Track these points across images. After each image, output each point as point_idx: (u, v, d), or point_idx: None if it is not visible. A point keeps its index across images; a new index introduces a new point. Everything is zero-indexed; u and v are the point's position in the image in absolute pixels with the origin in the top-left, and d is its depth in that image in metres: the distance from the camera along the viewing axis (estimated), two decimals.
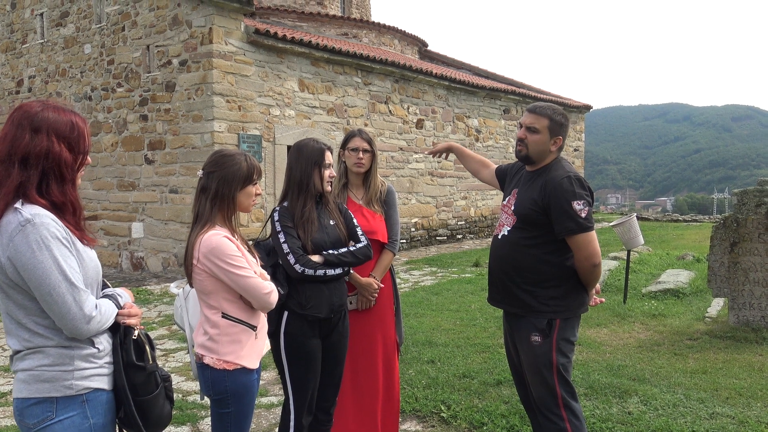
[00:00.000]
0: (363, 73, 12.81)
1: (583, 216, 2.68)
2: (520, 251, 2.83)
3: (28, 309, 1.75)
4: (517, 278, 2.84)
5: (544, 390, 2.79)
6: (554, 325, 2.77)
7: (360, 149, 3.25)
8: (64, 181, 1.80)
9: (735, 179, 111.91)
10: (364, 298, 3.22)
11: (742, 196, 5.88)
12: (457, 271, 10.48)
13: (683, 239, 14.91)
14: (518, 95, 17.20)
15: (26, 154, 1.75)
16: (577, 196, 2.70)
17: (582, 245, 2.70)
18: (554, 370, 2.75)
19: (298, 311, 2.79)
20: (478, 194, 16.20)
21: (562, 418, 2.75)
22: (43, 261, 1.69)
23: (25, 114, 1.79)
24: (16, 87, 13.63)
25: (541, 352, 2.77)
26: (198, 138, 10.26)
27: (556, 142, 2.86)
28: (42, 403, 1.76)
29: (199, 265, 2.35)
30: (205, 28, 10.06)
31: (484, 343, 5.68)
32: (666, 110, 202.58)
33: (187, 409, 4.23)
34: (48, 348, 1.76)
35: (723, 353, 5.21)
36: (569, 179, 2.74)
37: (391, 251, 3.34)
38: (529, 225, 2.81)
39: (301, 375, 2.84)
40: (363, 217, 3.25)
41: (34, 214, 1.71)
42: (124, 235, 11.59)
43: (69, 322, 1.73)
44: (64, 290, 1.71)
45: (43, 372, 1.76)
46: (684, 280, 8.02)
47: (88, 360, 1.81)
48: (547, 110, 2.85)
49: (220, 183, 2.41)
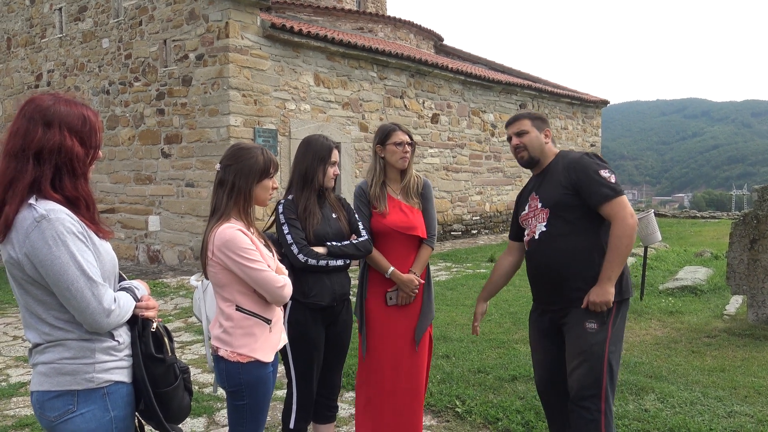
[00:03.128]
0: (378, 67, 12.79)
1: (613, 181, 2.76)
2: (569, 239, 2.80)
3: (47, 304, 1.75)
4: (573, 267, 2.78)
5: (590, 380, 2.70)
6: (611, 309, 2.73)
7: (404, 143, 3.19)
8: (76, 175, 1.79)
9: (754, 176, 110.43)
10: (404, 294, 3.20)
11: (762, 192, 5.81)
12: (471, 267, 10.45)
13: (701, 236, 14.75)
14: (534, 90, 17.08)
15: (40, 149, 1.74)
16: (600, 165, 2.80)
17: (618, 209, 2.71)
18: (605, 360, 2.70)
19: (301, 300, 2.88)
20: (494, 189, 16.13)
21: (599, 410, 2.68)
22: (60, 256, 1.68)
23: (37, 108, 1.77)
24: (36, 81, 13.77)
25: (595, 340, 2.71)
26: (214, 132, 10.31)
27: (547, 134, 2.99)
28: (63, 396, 1.76)
29: (213, 257, 2.36)
30: (221, 23, 10.09)
31: (499, 338, 5.66)
32: (684, 105, 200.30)
33: (203, 401, 4.27)
34: (69, 341, 1.76)
35: (741, 351, 5.15)
36: (587, 155, 2.87)
37: (430, 246, 3.28)
38: (564, 210, 2.82)
39: (305, 363, 2.94)
40: (402, 213, 3.20)
41: (49, 209, 1.70)
42: (140, 228, 11.69)
43: (89, 317, 1.73)
44: (83, 285, 1.70)
45: (64, 365, 1.75)
46: (702, 277, 7.94)
47: (109, 353, 1.81)
48: (523, 113, 3.05)
49: (237, 176, 2.42)
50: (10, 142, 1.76)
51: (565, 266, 2.81)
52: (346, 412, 4.09)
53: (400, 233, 3.19)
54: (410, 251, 3.24)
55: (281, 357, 2.99)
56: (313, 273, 2.88)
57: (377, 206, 3.20)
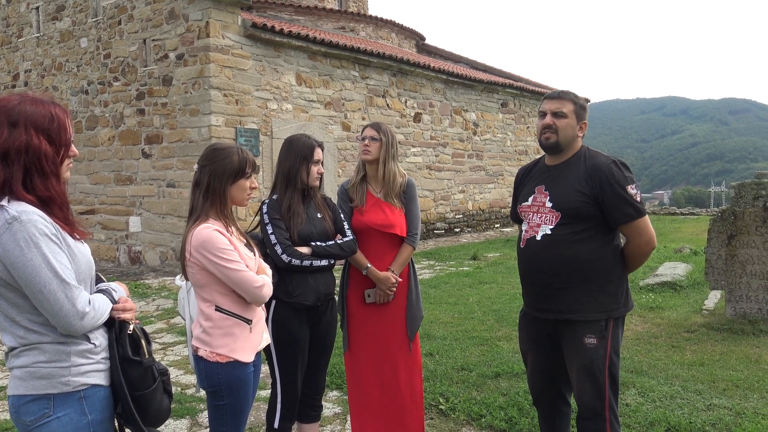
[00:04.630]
0: (360, 66, 12.78)
1: (638, 200, 2.58)
2: (574, 248, 2.61)
3: (20, 307, 1.72)
4: (575, 277, 2.62)
5: (593, 393, 2.64)
6: (609, 324, 2.62)
7: (368, 137, 3.24)
8: (46, 174, 1.76)
9: (732, 172, 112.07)
10: (381, 291, 3.21)
11: (739, 189, 5.89)
12: (455, 265, 10.49)
13: (680, 232, 14.93)
14: (516, 89, 17.18)
15: (6, 150, 1.70)
16: (629, 180, 2.59)
17: (642, 230, 2.60)
18: (606, 373, 2.62)
19: (285, 300, 2.88)
20: (476, 188, 16.20)
21: (604, 419, 2.62)
22: (32, 259, 1.66)
23: (2, 108, 1.74)
24: (12, 81, 13.58)
25: (597, 355, 2.61)
26: (195, 132, 10.24)
27: (582, 128, 2.73)
28: (39, 400, 1.73)
29: (191, 258, 2.36)
30: (201, 22, 10.02)
31: (482, 336, 5.69)
32: (663, 104, 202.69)
33: (186, 402, 4.24)
34: (44, 344, 1.74)
35: (720, 345, 5.23)
36: (616, 164, 2.61)
37: (411, 245, 3.27)
38: (578, 219, 2.61)
39: (289, 362, 2.93)
40: (381, 211, 3.22)
41: (20, 211, 1.67)
42: (121, 229, 11.57)
43: (62, 319, 1.70)
44: (55, 287, 1.68)
45: (40, 369, 1.73)
46: (681, 273, 8.04)
47: (85, 356, 1.78)
48: (571, 94, 2.72)
49: (212, 177, 2.41)
50: None
51: (565, 276, 2.64)
52: (331, 411, 4.08)
53: (378, 231, 3.20)
54: (389, 249, 3.24)
55: (265, 357, 2.98)
56: (297, 273, 2.88)
57: (354, 199, 3.24)
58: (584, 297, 2.62)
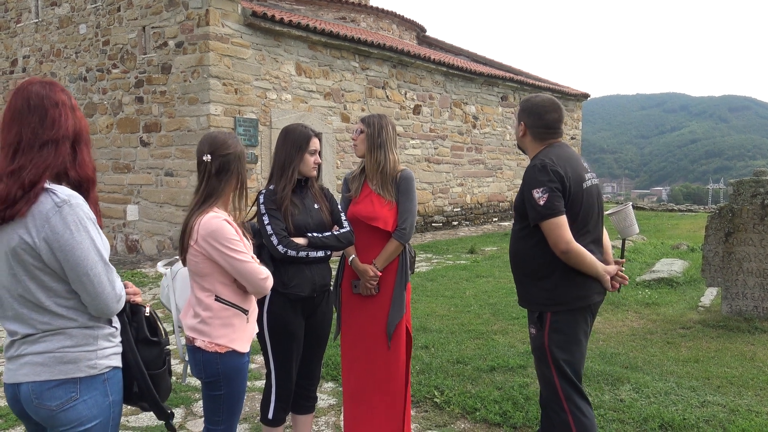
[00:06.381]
0: (360, 57, 12.73)
1: (541, 204, 2.61)
2: (516, 243, 2.85)
3: (52, 290, 1.74)
4: (517, 270, 2.87)
5: (544, 382, 2.78)
6: (545, 318, 2.73)
7: (356, 131, 3.22)
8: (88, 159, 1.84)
9: (731, 170, 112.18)
10: (363, 284, 3.20)
11: (738, 186, 5.89)
12: (452, 258, 10.50)
13: (678, 229, 14.95)
14: (516, 82, 17.13)
15: (78, 132, 1.80)
16: (537, 183, 2.65)
17: (547, 232, 2.65)
18: (551, 364, 2.71)
19: (281, 290, 2.86)
20: (475, 181, 16.19)
21: (564, 409, 2.69)
22: (82, 242, 1.70)
23: (58, 92, 1.80)
24: (11, 67, 13.51)
25: (536, 345, 2.78)
26: (194, 121, 10.20)
27: (521, 127, 2.86)
28: (64, 385, 1.75)
29: (196, 246, 2.34)
30: (201, 10, 9.97)
31: (478, 329, 5.70)
32: (663, 100, 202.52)
33: (181, 391, 4.24)
34: (70, 329, 1.76)
35: (715, 342, 5.24)
36: (533, 167, 2.71)
37: (398, 240, 3.16)
38: (521, 218, 2.80)
39: (284, 353, 2.93)
40: (370, 203, 3.17)
41: (69, 194, 1.72)
42: (119, 217, 11.56)
43: (102, 302, 1.75)
44: (101, 270, 1.73)
45: (66, 353, 1.75)
46: (678, 270, 8.05)
47: (108, 339, 1.84)
48: (523, 100, 2.92)
49: (235, 162, 2.43)
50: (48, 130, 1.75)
51: (514, 268, 2.89)
52: (326, 402, 4.09)
53: (364, 223, 3.15)
54: (376, 242, 3.18)
55: (260, 347, 2.98)
56: (293, 263, 2.87)
57: (351, 188, 3.26)
58: (524, 289, 2.85)
